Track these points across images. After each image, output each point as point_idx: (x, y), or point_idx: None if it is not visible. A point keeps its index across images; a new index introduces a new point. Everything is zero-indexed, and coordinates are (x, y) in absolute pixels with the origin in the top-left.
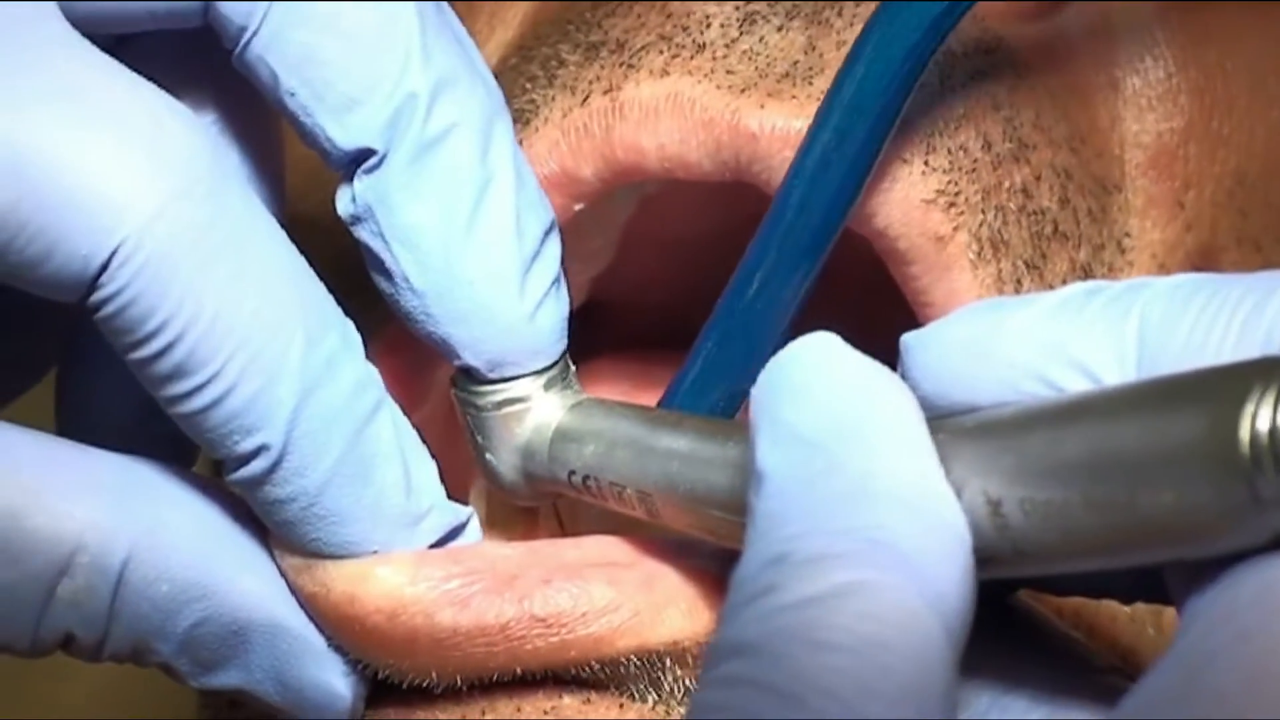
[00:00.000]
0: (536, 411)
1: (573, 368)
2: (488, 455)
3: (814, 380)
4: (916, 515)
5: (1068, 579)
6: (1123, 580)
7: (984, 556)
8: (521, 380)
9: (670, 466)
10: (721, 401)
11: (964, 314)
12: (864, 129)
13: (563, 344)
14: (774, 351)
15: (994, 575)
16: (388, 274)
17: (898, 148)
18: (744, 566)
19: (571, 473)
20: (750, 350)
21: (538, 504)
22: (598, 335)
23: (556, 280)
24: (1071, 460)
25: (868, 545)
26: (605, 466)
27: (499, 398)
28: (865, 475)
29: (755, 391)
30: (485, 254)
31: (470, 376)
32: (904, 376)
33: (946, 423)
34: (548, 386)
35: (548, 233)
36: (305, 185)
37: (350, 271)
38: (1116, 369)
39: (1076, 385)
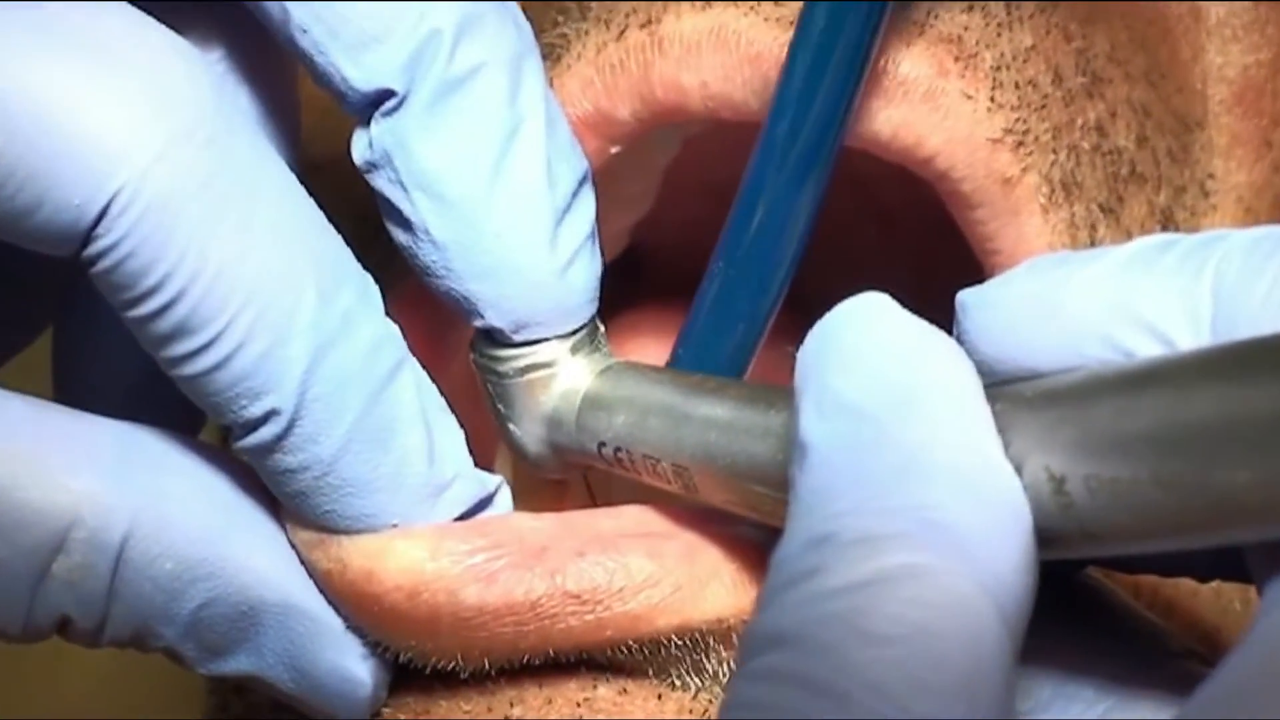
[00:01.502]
0: (563, 377)
1: (602, 329)
2: (511, 425)
3: (864, 345)
4: (973, 493)
5: (1139, 557)
6: (1200, 558)
7: (1047, 537)
8: (547, 344)
9: (708, 437)
10: (736, 344)
11: (1026, 270)
12: (850, 32)
13: (594, 305)
14: (784, 283)
15: (1058, 556)
16: (406, 224)
17: (961, 83)
18: (785, 546)
19: (601, 444)
20: (761, 286)
21: (566, 476)
22: (639, 286)
23: (590, 235)
24: (1140, 433)
25: (920, 525)
26: (637, 437)
27: (522, 363)
28: (918, 448)
29: (801, 356)
30: (513, 204)
31: (491, 340)
32: (960, 337)
33: (1005, 391)
34: (575, 350)
35: (581, 184)
36: (320, 127)
37: (370, 221)
38: (1190, 331)
39: (1146, 349)
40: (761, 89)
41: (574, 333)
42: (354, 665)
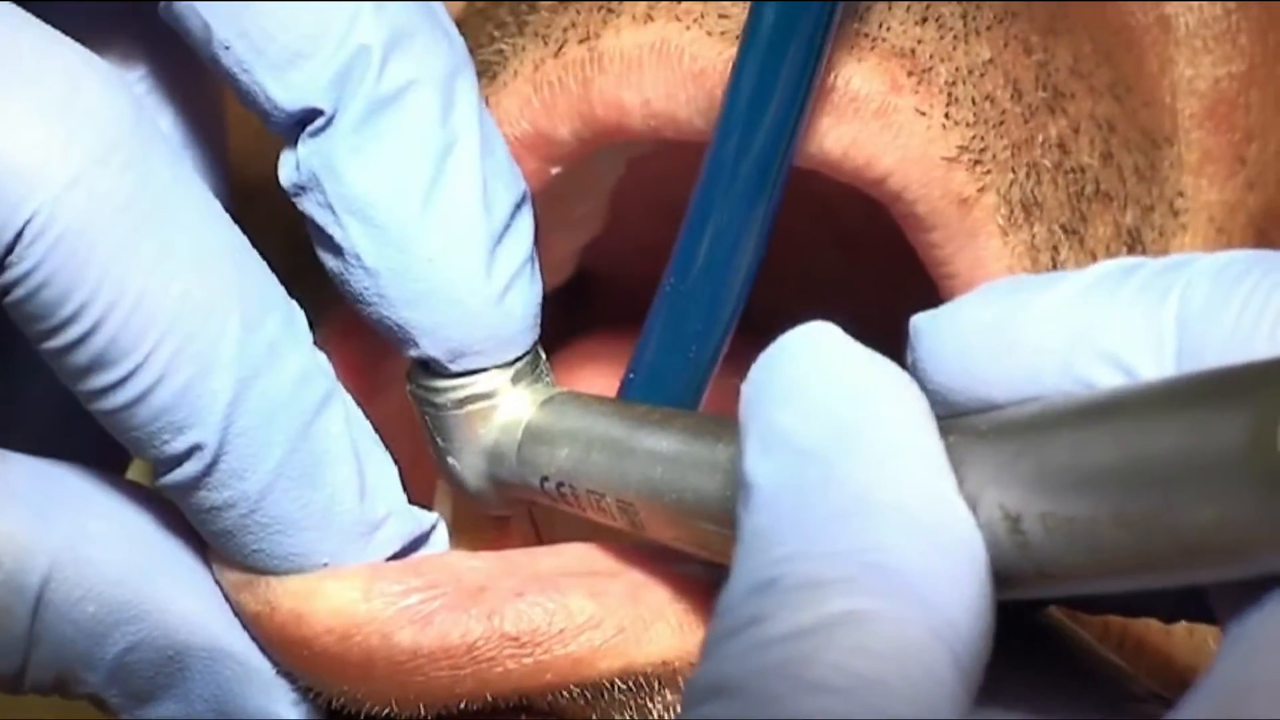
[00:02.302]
0: (504, 409)
1: (544, 358)
2: (450, 459)
3: (809, 378)
4: (923, 533)
5: (1100, 597)
6: (1164, 598)
7: (1003, 577)
8: (486, 374)
9: (654, 471)
10: (690, 363)
11: (982, 295)
12: (800, 32)
13: (534, 333)
14: (739, 299)
15: (1014, 597)
16: (336, 250)
17: (914, 98)
18: (729, 592)
19: (544, 479)
20: (714, 302)
21: (508, 512)
22: (587, 312)
23: (529, 259)
24: (1099, 469)
25: (866, 569)
26: (581, 472)
27: (461, 394)
28: (865, 488)
29: (745, 388)
30: (447, 227)
31: (428, 370)
32: (913, 364)
33: (959, 424)
34: (516, 380)
35: (519, 206)
36: (251, 149)
37: (304, 247)
38: (1153, 361)
39: (1107, 379)
40: (706, 107)
41: (514, 362)
42: (284, 711)
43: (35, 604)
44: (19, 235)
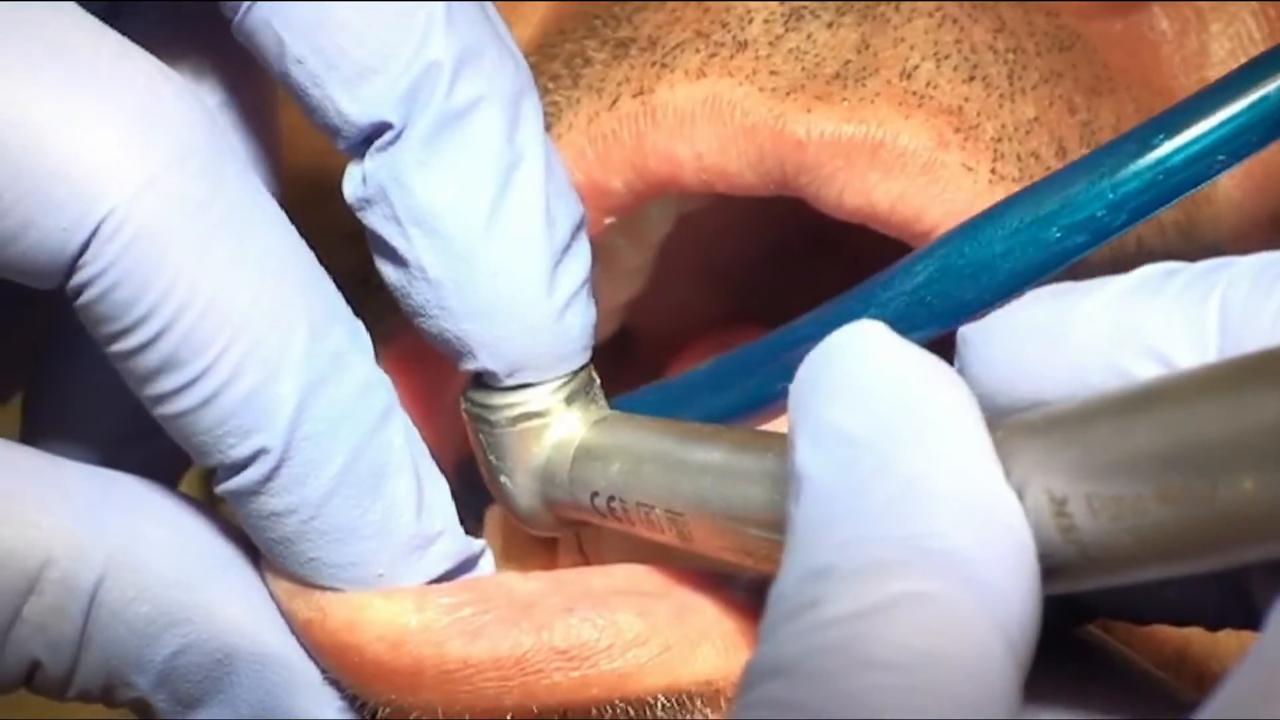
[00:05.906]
0: (557, 427)
1: (597, 381)
2: (502, 477)
3: (859, 374)
4: (975, 520)
5: (1146, 601)
6: (1209, 601)
7: (1050, 565)
8: (540, 391)
9: (703, 482)
10: None
11: (1030, 298)
12: None
13: (588, 352)
14: None
15: (1061, 589)
16: (400, 262)
17: (961, 154)
18: (783, 580)
19: (594, 494)
20: None
21: (557, 534)
22: (630, 369)
23: (587, 280)
24: (1142, 450)
25: (922, 554)
26: (632, 485)
27: (515, 411)
28: (918, 477)
29: (793, 388)
30: (512, 243)
31: (483, 385)
32: (961, 372)
33: (1006, 420)
34: (570, 400)
35: (579, 227)
36: (299, 203)
37: (350, 294)
38: (1196, 356)
39: (1152, 375)
40: (756, 161)
41: (568, 383)
42: (331, 718)
43: (89, 603)
44: (94, 234)
